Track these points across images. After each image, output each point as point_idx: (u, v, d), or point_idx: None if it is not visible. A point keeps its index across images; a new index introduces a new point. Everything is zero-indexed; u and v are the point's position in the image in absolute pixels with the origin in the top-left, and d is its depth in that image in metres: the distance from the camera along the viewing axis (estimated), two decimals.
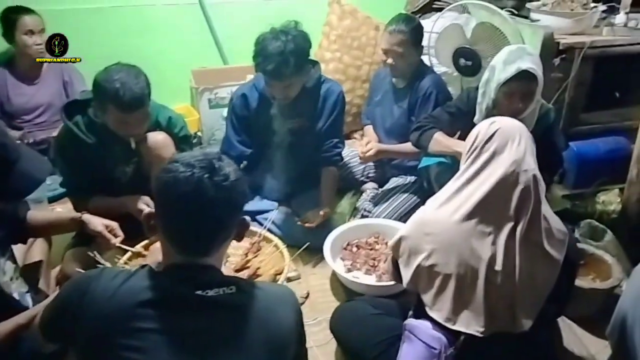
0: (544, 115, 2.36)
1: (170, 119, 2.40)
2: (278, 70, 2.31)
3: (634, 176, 2.36)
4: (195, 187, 1.18)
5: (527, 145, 1.58)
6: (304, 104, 2.58)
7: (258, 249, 2.30)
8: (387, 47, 2.67)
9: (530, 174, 1.55)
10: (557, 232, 1.58)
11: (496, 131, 1.58)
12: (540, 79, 2.18)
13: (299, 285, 2.38)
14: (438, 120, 2.42)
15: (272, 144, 2.68)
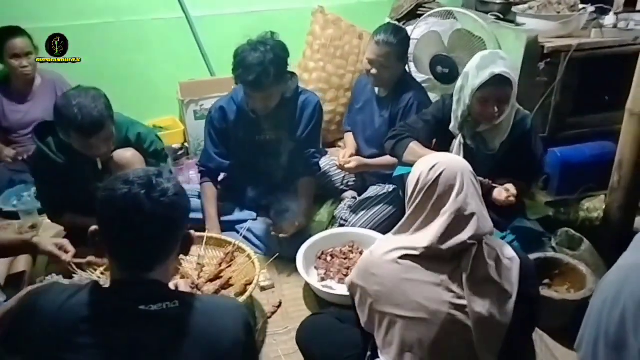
0: (520, 121, 2.32)
1: (140, 134, 2.43)
2: (259, 80, 2.32)
3: (616, 183, 2.31)
4: (132, 203, 1.20)
5: (469, 187, 1.52)
6: (282, 115, 2.57)
7: (232, 259, 2.30)
8: (372, 57, 2.65)
9: (477, 215, 1.50)
10: (506, 262, 1.53)
11: (438, 177, 1.51)
12: (514, 83, 2.15)
13: (273, 295, 2.38)
14: (414, 129, 2.40)
15: (250, 155, 2.68)
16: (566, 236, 2.31)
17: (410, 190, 1.59)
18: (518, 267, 1.53)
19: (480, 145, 2.34)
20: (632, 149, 2.20)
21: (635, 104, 2.15)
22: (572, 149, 2.89)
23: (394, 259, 1.52)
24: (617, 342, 1.39)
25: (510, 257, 1.54)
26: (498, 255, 1.52)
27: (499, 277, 1.49)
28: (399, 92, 2.72)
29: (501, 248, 1.55)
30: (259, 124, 2.59)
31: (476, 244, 1.48)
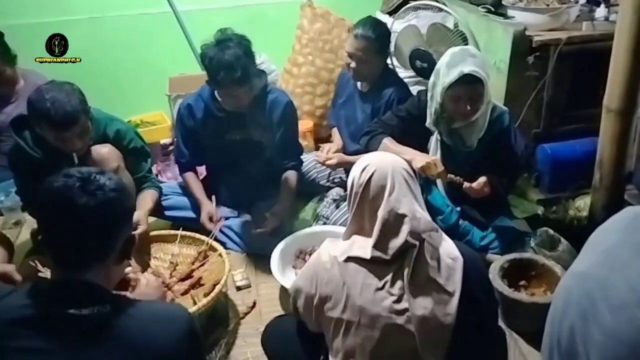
0: (497, 117, 2.27)
1: (119, 131, 2.41)
2: (242, 75, 2.28)
3: (597, 182, 2.24)
4: (65, 195, 1.19)
5: (401, 186, 1.48)
6: (250, 114, 2.53)
7: (205, 258, 2.29)
8: (351, 50, 2.61)
9: (409, 216, 1.46)
10: (449, 262, 1.48)
11: (369, 179, 1.48)
12: (485, 81, 2.10)
13: (248, 294, 2.36)
14: (388, 125, 2.35)
15: (223, 153, 2.65)
16: (546, 236, 2.25)
17: (349, 191, 1.56)
18: (461, 266, 1.48)
19: (457, 142, 2.29)
20: (611, 147, 2.14)
21: (611, 100, 2.08)
22: (562, 146, 2.81)
23: (339, 262, 1.49)
24: (569, 351, 1.34)
25: (454, 257, 1.49)
26: (440, 255, 1.48)
27: (441, 278, 1.45)
28: (380, 87, 2.67)
29: (445, 247, 1.51)
30: (227, 122, 2.55)
31: (417, 244, 1.44)
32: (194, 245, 2.35)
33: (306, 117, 3.47)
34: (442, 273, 1.45)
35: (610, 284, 1.27)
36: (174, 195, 2.72)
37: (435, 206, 2.34)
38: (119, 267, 1.36)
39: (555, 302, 1.40)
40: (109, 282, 1.32)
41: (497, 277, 2.01)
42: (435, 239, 1.50)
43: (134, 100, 3.45)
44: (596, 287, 1.29)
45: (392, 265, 1.46)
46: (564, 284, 1.44)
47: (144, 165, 2.53)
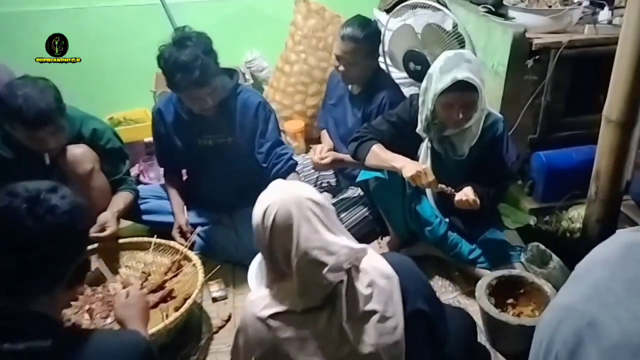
0: (490, 125, 2.15)
1: (95, 130, 2.31)
2: (203, 76, 2.13)
3: (593, 194, 2.12)
4: (11, 218, 1.11)
5: (310, 221, 1.31)
6: (221, 117, 2.39)
7: (179, 268, 2.18)
8: (338, 53, 2.49)
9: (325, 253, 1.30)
10: (384, 283, 1.37)
11: (273, 221, 1.31)
12: (480, 88, 1.98)
13: (224, 306, 2.25)
14: (377, 131, 2.24)
15: (198, 158, 2.52)
16: (537, 251, 2.14)
17: (255, 239, 1.40)
18: (398, 284, 1.38)
19: (448, 150, 2.18)
20: (609, 158, 2.01)
21: (611, 110, 1.96)
22: (558, 153, 2.70)
23: (266, 318, 1.35)
24: None
25: (388, 276, 1.38)
26: (373, 279, 1.37)
27: (379, 305, 1.34)
28: (372, 91, 2.55)
29: (376, 267, 1.39)
30: (197, 127, 2.41)
31: (344, 279, 1.32)
32: (169, 253, 2.24)
33: (297, 117, 3.36)
34: (378, 299, 1.34)
35: (600, 324, 1.16)
36: (153, 198, 2.62)
37: (423, 217, 2.23)
38: (69, 293, 1.26)
39: (539, 336, 1.29)
40: (56, 310, 1.22)
41: (483, 296, 1.91)
42: (363, 263, 1.39)
43: (118, 96, 3.34)
44: (584, 326, 1.19)
45: (325, 309, 1.34)
46: (550, 318, 1.33)
47: (121, 167, 2.43)
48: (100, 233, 2.17)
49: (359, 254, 1.39)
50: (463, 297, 2.23)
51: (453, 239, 2.24)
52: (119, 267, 2.26)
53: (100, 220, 2.21)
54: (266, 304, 1.37)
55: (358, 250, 1.38)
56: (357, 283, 1.34)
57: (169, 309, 2.01)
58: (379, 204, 2.31)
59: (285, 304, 1.35)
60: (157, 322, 1.93)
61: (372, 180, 2.23)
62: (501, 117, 2.20)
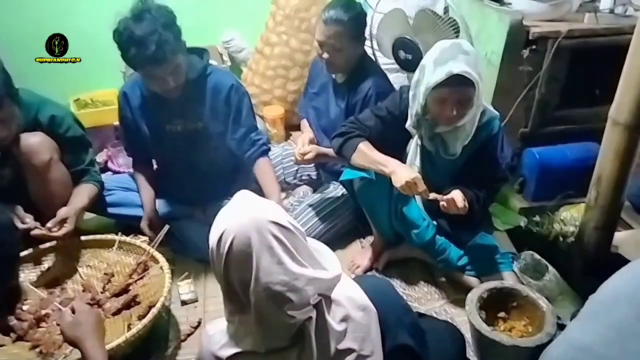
0: (486, 124, 1.99)
1: (54, 117, 2.09)
2: (160, 51, 1.92)
3: (593, 200, 1.98)
4: None
5: (272, 250, 1.13)
6: (190, 101, 2.20)
7: (145, 269, 2.01)
8: (321, 38, 2.28)
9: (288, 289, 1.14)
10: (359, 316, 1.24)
11: (229, 249, 1.13)
12: (477, 82, 1.81)
13: (194, 310, 2.09)
14: (364, 126, 2.06)
15: (167, 146, 2.32)
16: (531, 260, 2.00)
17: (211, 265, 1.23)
18: (376, 317, 1.25)
19: (439, 149, 2.02)
20: (614, 163, 1.87)
21: (619, 112, 1.81)
22: (552, 150, 2.57)
23: (225, 359, 1.21)
24: None
25: (364, 307, 1.25)
26: (348, 313, 1.23)
27: (354, 343, 1.20)
28: (357, 79, 2.36)
29: (351, 298, 1.25)
30: (164, 111, 2.22)
31: (312, 315, 1.17)
32: (135, 253, 2.06)
33: (277, 103, 3.17)
34: (354, 336, 1.21)
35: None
36: (120, 190, 2.43)
37: (410, 219, 2.08)
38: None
39: None
40: None
41: (474, 311, 1.77)
42: (336, 293, 1.24)
43: (84, 75, 3.07)
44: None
45: (293, 349, 1.19)
46: (560, 355, 1.20)
47: (83, 157, 2.23)
48: (57, 231, 1.98)
49: (330, 283, 1.22)
50: (450, 305, 2.09)
51: (441, 243, 2.10)
52: (80, 267, 2.07)
53: (60, 215, 2.01)
54: (225, 342, 1.21)
55: (329, 280, 1.21)
56: (329, 318, 1.19)
57: (132, 316, 1.84)
58: (363, 204, 2.14)
59: (247, 342, 1.18)
60: (118, 331, 1.77)
61: (358, 180, 2.07)
62: (497, 114, 2.04)
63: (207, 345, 1.25)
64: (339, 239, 2.39)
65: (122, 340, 1.64)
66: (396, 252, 2.27)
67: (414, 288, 2.18)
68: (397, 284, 2.19)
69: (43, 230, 1.97)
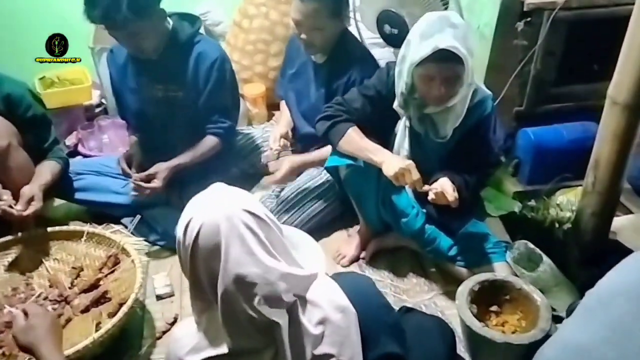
0: (478, 104, 1.86)
1: (10, 96, 1.95)
2: (108, 15, 1.84)
3: (590, 185, 1.87)
4: None
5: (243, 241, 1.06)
6: (172, 66, 2.09)
7: (116, 263, 1.88)
8: (297, 17, 2.10)
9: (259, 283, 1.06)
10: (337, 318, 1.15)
11: (195, 239, 1.06)
12: (466, 59, 1.67)
13: (171, 305, 1.96)
14: (352, 109, 1.91)
15: (147, 113, 2.21)
16: (525, 249, 1.89)
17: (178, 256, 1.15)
18: (355, 319, 1.16)
19: (429, 131, 1.88)
20: (612, 146, 1.75)
21: (619, 91, 1.68)
22: (547, 131, 2.44)
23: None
24: None
25: (343, 308, 1.16)
26: (326, 315, 1.13)
27: (332, 347, 1.11)
28: (338, 61, 2.18)
29: (329, 299, 1.16)
30: (147, 74, 2.13)
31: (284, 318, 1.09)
32: (105, 245, 1.93)
33: (258, 80, 3.00)
34: (332, 340, 1.12)
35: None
36: (91, 174, 2.28)
37: (399, 207, 1.96)
38: None
39: None
40: None
41: (464, 305, 1.66)
42: (312, 293, 1.15)
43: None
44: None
45: (266, 351, 1.10)
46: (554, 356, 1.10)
47: (45, 136, 2.11)
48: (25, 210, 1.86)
49: (306, 281, 1.14)
50: (440, 298, 1.98)
51: (430, 232, 1.98)
52: (47, 260, 1.94)
53: (25, 194, 1.89)
54: (193, 345, 1.11)
55: (303, 278, 1.13)
56: (304, 320, 1.10)
57: (102, 314, 1.72)
58: (350, 193, 2.01)
59: (217, 344, 1.09)
60: (87, 331, 1.66)
61: (344, 167, 1.94)
62: (490, 94, 1.90)
63: (174, 350, 1.17)
64: (324, 227, 2.26)
65: (89, 341, 1.52)
66: (384, 241, 2.15)
67: (402, 279, 2.07)
68: (385, 275, 2.08)
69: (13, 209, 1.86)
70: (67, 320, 1.71)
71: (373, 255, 2.15)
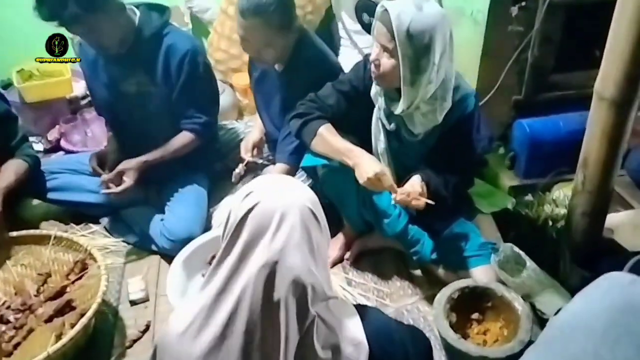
0: (460, 101, 1.74)
1: None
2: (55, 12, 1.74)
3: (580, 184, 1.75)
4: None
5: (293, 233, 1.02)
6: (142, 60, 1.99)
7: (83, 269, 1.82)
8: (241, 33, 1.92)
9: (290, 277, 1.01)
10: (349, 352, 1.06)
11: (247, 213, 1.02)
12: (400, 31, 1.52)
13: (144, 311, 1.89)
14: (325, 106, 1.81)
15: (121, 108, 2.12)
16: (511, 253, 1.77)
17: (223, 228, 1.08)
18: (366, 357, 1.07)
19: (401, 127, 1.78)
20: (601, 143, 1.63)
21: (605, 85, 1.55)
22: (544, 122, 2.32)
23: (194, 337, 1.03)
24: None
25: (358, 343, 1.08)
26: (336, 343, 1.06)
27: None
28: (297, 69, 2.02)
29: (345, 328, 1.08)
30: (118, 68, 2.03)
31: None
32: (73, 250, 1.87)
33: (246, 70, 2.89)
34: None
35: None
36: (66, 173, 2.22)
37: (380, 208, 1.86)
38: None
39: None
40: None
41: (441, 315, 1.58)
42: (332, 314, 1.08)
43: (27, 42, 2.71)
44: None
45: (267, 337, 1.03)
46: None
47: (11, 134, 2.05)
48: None
49: (328, 300, 1.09)
50: (424, 302, 1.88)
51: (414, 233, 1.88)
52: (13, 266, 1.88)
53: None
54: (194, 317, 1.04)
55: (329, 296, 1.09)
56: (315, 340, 1.03)
57: (65, 324, 1.65)
58: (328, 193, 1.89)
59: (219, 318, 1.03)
60: (48, 342, 1.59)
61: (320, 167, 1.84)
62: (473, 91, 1.78)
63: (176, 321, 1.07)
64: None
65: (43, 356, 1.46)
66: (368, 242, 2.06)
67: (386, 282, 1.98)
68: (369, 278, 2.00)
69: None
70: (29, 331, 1.65)
71: (357, 257, 2.06)
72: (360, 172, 1.64)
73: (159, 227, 2.06)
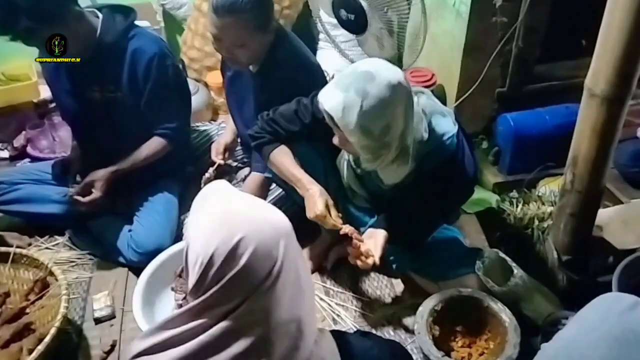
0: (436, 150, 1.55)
1: None
2: (5, 26, 1.65)
3: (568, 183, 1.66)
4: None
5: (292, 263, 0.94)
6: (106, 65, 1.87)
7: (44, 288, 1.71)
8: (214, 32, 1.76)
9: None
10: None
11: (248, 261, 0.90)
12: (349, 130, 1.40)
13: (110, 330, 1.78)
14: (282, 127, 1.68)
15: (87, 116, 2.00)
16: (496, 258, 1.68)
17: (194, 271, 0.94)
18: None
19: (370, 173, 1.67)
20: (591, 141, 1.53)
21: (596, 81, 1.46)
22: (528, 115, 2.23)
23: None
24: None
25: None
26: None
27: None
28: (272, 72, 1.88)
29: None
30: (81, 74, 1.91)
31: None
32: (34, 267, 1.76)
33: None
34: None
35: None
36: (29, 183, 2.09)
37: (354, 215, 1.77)
38: None
39: None
40: None
41: (423, 329, 1.49)
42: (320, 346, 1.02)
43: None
44: None
45: None
46: None
47: None
48: None
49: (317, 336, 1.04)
50: (405, 312, 1.78)
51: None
52: None
53: None
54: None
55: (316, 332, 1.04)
56: None
57: (23, 349, 1.55)
58: (298, 202, 1.78)
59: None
60: None
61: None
62: (452, 128, 1.56)
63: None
64: None
65: None
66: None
67: (366, 291, 1.88)
68: (348, 287, 1.90)
69: None
70: None
71: (335, 264, 1.96)
72: (307, 208, 1.57)
73: (127, 239, 1.96)
